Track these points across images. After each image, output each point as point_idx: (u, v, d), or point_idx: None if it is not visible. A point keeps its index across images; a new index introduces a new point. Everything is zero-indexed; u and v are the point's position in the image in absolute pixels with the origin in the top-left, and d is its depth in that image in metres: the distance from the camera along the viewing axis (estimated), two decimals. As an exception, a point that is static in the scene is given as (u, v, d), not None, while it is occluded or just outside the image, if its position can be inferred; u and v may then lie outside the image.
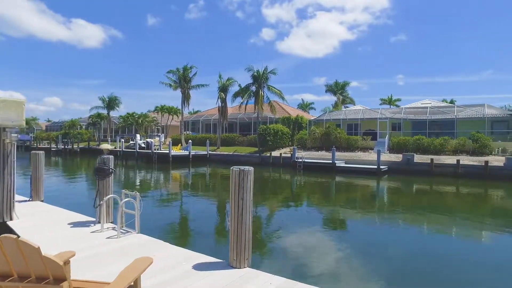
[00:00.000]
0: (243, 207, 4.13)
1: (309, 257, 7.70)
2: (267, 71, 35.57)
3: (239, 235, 4.16)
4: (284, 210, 14.39)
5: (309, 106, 68.76)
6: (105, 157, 6.43)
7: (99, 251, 4.84)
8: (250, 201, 4.20)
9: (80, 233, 5.69)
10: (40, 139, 63.18)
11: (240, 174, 4.12)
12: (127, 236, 5.52)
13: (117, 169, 30.84)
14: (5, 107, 6.03)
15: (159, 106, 51.38)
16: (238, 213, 4.14)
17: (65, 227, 6.02)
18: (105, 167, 6.27)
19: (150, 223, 10.02)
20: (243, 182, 4.10)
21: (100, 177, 6.27)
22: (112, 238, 5.41)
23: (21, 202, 8.31)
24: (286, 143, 35.51)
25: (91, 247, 5.00)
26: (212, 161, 35.65)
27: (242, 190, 4.10)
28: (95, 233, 5.65)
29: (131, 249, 4.96)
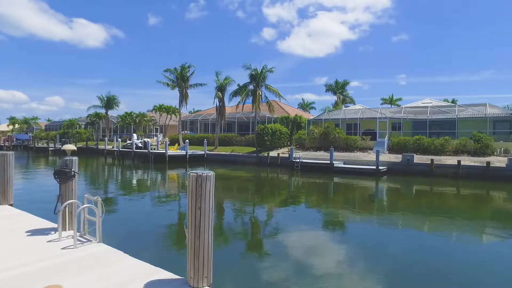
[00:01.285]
0: (200, 218, 3.59)
1: (303, 265, 7.36)
2: (265, 69, 35.03)
3: (196, 250, 3.62)
4: (279, 212, 13.95)
5: (309, 106, 68.19)
6: (68, 159, 5.92)
7: (47, 265, 4.34)
8: (210, 211, 3.66)
9: (35, 242, 5.18)
10: (39, 139, 62.90)
11: (198, 180, 3.58)
12: (85, 246, 5.02)
13: (114, 169, 30.53)
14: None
15: (157, 106, 50.90)
16: (196, 225, 3.60)
17: (21, 235, 5.52)
18: (66, 170, 5.76)
19: (122, 229, 9.64)
20: (200, 189, 3.56)
21: (61, 180, 5.76)
22: (67, 249, 4.91)
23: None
24: (284, 143, 34.99)
25: (41, 259, 4.50)
26: (210, 161, 35.22)
27: (200, 199, 3.56)
28: (51, 243, 5.14)
29: (85, 261, 4.46)
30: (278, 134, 34.20)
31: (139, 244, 8.16)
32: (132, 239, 8.61)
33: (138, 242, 8.47)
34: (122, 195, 17.24)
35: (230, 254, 8.09)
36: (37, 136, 65.49)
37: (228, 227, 10.95)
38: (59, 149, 51.83)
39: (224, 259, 7.28)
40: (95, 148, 48.23)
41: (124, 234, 9.10)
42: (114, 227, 9.50)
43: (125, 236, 8.90)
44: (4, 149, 63.38)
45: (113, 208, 13.46)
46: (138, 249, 7.06)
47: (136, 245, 7.97)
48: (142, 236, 9.23)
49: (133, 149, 37.81)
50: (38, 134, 67.49)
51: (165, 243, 8.94)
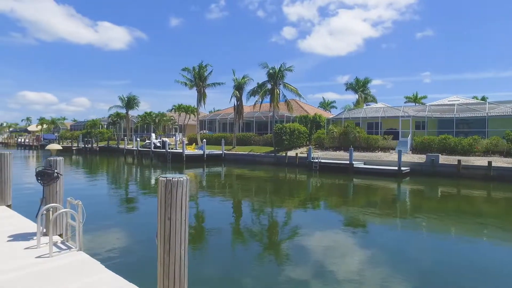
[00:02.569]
0: (170, 230, 3.04)
1: (322, 268, 7.10)
2: (283, 68, 34.25)
3: (166, 267, 3.08)
4: (298, 213, 13.50)
5: (330, 105, 66.76)
6: (52, 159, 5.53)
7: (15, 276, 3.93)
8: (183, 222, 3.10)
9: (12, 249, 4.82)
10: (64, 138, 64.73)
11: (167, 185, 3.03)
12: (63, 255, 4.60)
13: (134, 168, 30.74)
14: None
15: (176, 105, 51.11)
16: (165, 239, 3.06)
17: (1, 240, 5.17)
18: (49, 171, 5.36)
19: (113, 235, 9.14)
20: (170, 197, 3.02)
21: (44, 182, 5.37)
22: (43, 257, 4.50)
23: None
24: (303, 142, 34.13)
25: (10, 269, 4.10)
26: (227, 161, 34.92)
27: (170, 208, 3.01)
28: (28, 250, 4.76)
29: (56, 272, 4.04)
30: (297, 134, 33.39)
31: (126, 254, 7.59)
32: (120, 248, 8.01)
33: (125, 252, 7.88)
34: (125, 195, 17.08)
35: (247, 255, 8.00)
36: (63, 135, 67.43)
37: (245, 228, 10.77)
38: (81, 149, 53.09)
39: (242, 260, 7.42)
40: (116, 147, 48.98)
41: (116, 241, 8.69)
42: (110, 231, 9.18)
43: (117, 243, 8.47)
44: (32, 148, 65.68)
45: (116, 209, 13.21)
46: (122, 260, 6.69)
47: (124, 254, 7.49)
48: (134, 244, 8.62)
49: (151, 148, 38.06)
50: (64, 134, 69.51)
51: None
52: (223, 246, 8.61)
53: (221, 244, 8.79)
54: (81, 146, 53.88)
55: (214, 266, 7.21)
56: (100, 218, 10.53)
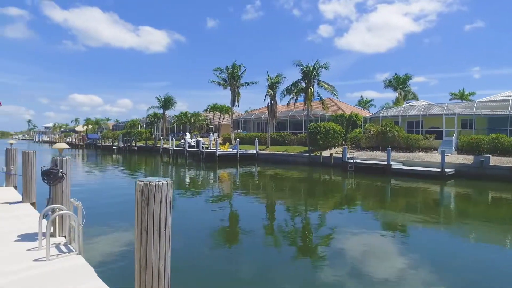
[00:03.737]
0: (147, 242, 2.62)
1: (359, 272, 6.81)
2: (318, 65, 33.23)
3: (143, 284, 2.66)
4: (332, 215, 12.98)
5: (368, 103, 64.23)
6: (58, 159, 5.36)
7: (9, 281, 3.71)
8: (162, 233, 2.67)
9: (15, 251, 4.71)
10: (106, 138, 67.87)
11: (143, 191, 2.61)
12: (60, 259, 4.40)
13: (169, 167, 31.36)
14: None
15: (211, 105, 51.61)
16: (141, 252, 2.65)
17: (9, 240, 5.13)
18: (53, 171, 5.19)
19: (124, 238, 8.65)
20: (147, 203, 2.60)
21: (50, 182, 5.21)
22: (40, 261, 4.31)
23: (10, 204, 7.77)
24: (338, 142, 32.94)
25: (6, 273, 3.90)
26: (261, 161, 34.59)
27: (146, 216, 2.60)
28: (29, 252, 4.61)
29: (44, 279, 3.80)
30: (332, 133, 32.28)
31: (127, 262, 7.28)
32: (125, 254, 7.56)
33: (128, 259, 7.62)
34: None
35: (281, 256, 7.88)
36: (105, 135, 70.72)
37: (279, 229, 10.52)
38: (121, 148, 55.28)
39: (275, 261, 7.32)
40: (153, 147, 50.41)
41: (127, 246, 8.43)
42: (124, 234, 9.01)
43: (127, 248, 8.21)
44: (78, 147, 69.53)
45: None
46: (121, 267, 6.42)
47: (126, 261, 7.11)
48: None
49: (185, 148, 38.64)
50: (106, 133, 72.88)
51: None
52: (256, 247, 8.49)
53: (255, 245, 8.67)
54: (121, 146, 56.14)
55: (249, 267, 7.17)
56: (118, 219, 10.53)
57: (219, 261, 7.45)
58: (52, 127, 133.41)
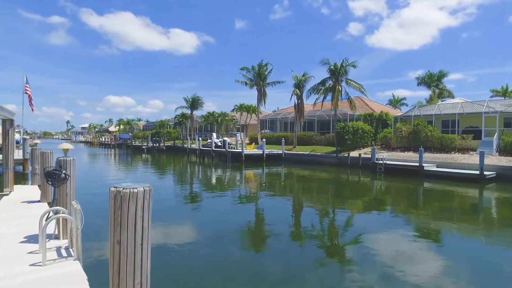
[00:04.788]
0: (120, 258, 2.27)
1: (390, 277, 6.54)
2: (345, 63, 32.17)
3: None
4: (361, 217, 12.48)
5: (400, 102, 61.76)
6: (62, 160, 5.20)
7: (3, 285, 3.55)
8: (138, 247, 2.31)
9: (16, 254, 4.61)
10: (136, 138, 69.75)
11: (116, 198, 2.27)
12: (57, 264, 4.23)
13: (196, 167, 31.61)
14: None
15: (238, 105, 51.60)
16: (114, 268, 2.31)
17: (15, 241, 5.07)
18: (56, 172, 5.03)
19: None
20: (120, 213, 2.25)
21: (53, 183, 5.06)
22: (36, 266, 4.16)
23: (28, 203, 7.85)
24: (367, 142, 31.76)
25: (2, 277, 3.74)
26: (287, 161, 34.09)
27: (120, 228, 2.25)
28: (31, 254, 4.51)
29: (38, 285, 3.56)
30: (361, 133, 31.15)
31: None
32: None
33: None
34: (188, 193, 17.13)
35: (308, 257, 7.70)
36: (136, 135, 72.69)
37: (306, 230, 10.26)
38: (150, 147, 56.52)
39: (302, 263, 7.23)
40: (181, 146, 51.10)
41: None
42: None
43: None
44: (110, 147, 71.92)
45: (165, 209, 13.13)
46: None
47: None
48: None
49: (212, 147, 38.80)
50: (137, 133, 74.89)
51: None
52: (283, 249, 8.34)
53: (281, 247, 8.51)
54: (150, 145, 57.44)
55: (275, 268, 7.05)
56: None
57: (246, 261, 7.39)
58: (88, 127, 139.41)
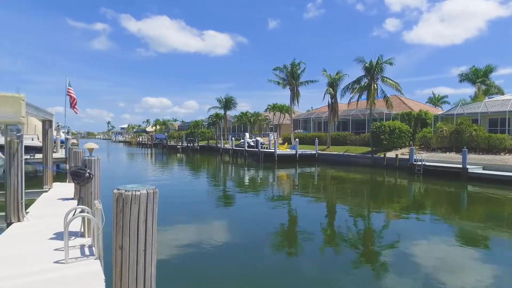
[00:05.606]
0: (122, 264, 2.16)
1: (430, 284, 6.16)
2: (381, 61, 30.96)
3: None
4: (398, 221, 11.85)
5: (441, 100, 58.56)
6: (87, 159, 5.29)
7: (25, 282, 3.67)
8: (141, 255, 2.19)
9: (43, 250, 4.78)
10: (172, 138, 71.73)
11: (119, 201, 2.16)
12: (79, 262, 4.31)
13: (229, 167, 31.89)
14: (2, 103, 5.52)
15: (271, 105, 51.45)
16: (116, 274, 2.21)
17: (42, 239, 5.25)
18: (81, 171, 5.11)
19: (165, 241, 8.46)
20: (122, 217, 2.13)
21: (78, 182, 5.17)
22: (59, 263, 4.27)
23: (63, 200, 8.19)
24: (405, 142, 30.38)
25: (25, 274, 3.95)
26: (321, 161, 33.50)
27: (122, 232, 2.14)
28: (56, 251, 4.65)
29: (59, 284, 3.66)
30: (397, 133, 29.86)
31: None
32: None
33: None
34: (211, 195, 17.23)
35: (342, 260, 7.58)
36: (171, 135, 74.74)
37: (339, 232, 10.06)
38: (185, 147, 57.82)
39: (336, 266, 7.11)
40: (215, 146, 51.79)
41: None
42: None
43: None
44: (147, 146, 74.50)
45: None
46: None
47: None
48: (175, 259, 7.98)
49: (245, 147, 38.94)
50: (172, 133, 76.98)
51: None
52: (315, 251, 8.23)
53: (314, 249, 8.41)
54: (184, 145, 58.82)
55: (308, 270, 6.98)
56: (167, 219, 10.64)
57: (278, 263, 7.31)
58: (127, 128, 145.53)
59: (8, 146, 5.83)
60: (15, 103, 5.57)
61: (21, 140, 5.95)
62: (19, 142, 5.90)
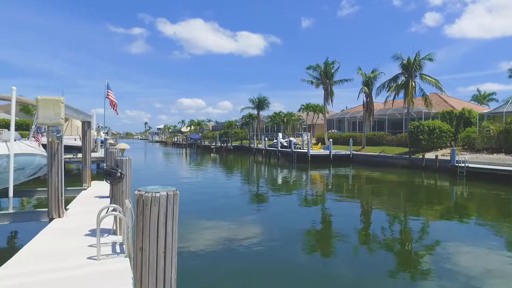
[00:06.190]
0: (142, 267, 2.14)
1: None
2: (418, 57, 29.58)
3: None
4: (438, 226, 11.30)
5: (487, 98, 55.10)
6: (119, 159, 5.44)
7: (59, 277, 3.90)
8: (161, 257, 2.16)
9: (78, 246, 5.01)
10: (205, 138, 73.07)
11: (139, 202, 2.14)
12: (110, 259, 4.46)
13: (262, 167, 31.97)
14: (45, 106, 5.84)
15: (304, 105, 50.92)
16: (137, 276, 2.19)
17: (78, 234, 5.49)
18: (112, 171, 5.27)
19: (196, 240, 8.56)
20: (142, 219, 2.12)
21: (110, 182, 5.33)
22: (92, 259, 4.45)
23: (100, 198, 8.52)
24: (446, 142, 28.83)
25: (59, 269, 4.15)
26: (355, 162, 32.72)
27: (142, 234, 2.12)
28: (90, 248, 4.86)
29: (81, 281, 3.85)
30: (437, 132, 28.37)
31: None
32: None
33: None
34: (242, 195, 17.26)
35: (376, 265, 7.29)
36: (205, 135, 76.14)
37: (374, 236, 9.75)
38: (218, 147, 58.64)
39: (369, 270, 6.91)
40: (248, 146, 52.09)
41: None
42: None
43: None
44: (182, 146, 76.38)
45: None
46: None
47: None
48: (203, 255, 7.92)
49: (278, 148, 38.81)
50: (206, 134, 78.38)
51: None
52: (350, 254, 8.06)
53: (348, 252, 8.22)
54: (218, 145, 59.68)
55: (342, 273, 6.88)
56: (198, 218, 10.80)
57: (312, 265, 7.27)
58: (163, 128, 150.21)
59: (50, 146, 6.16)
60: (56, 106, 5.87)
61: (61, 140, 6.27)
62: (59, 142, 6.22)
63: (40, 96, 5.90)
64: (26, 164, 8.86)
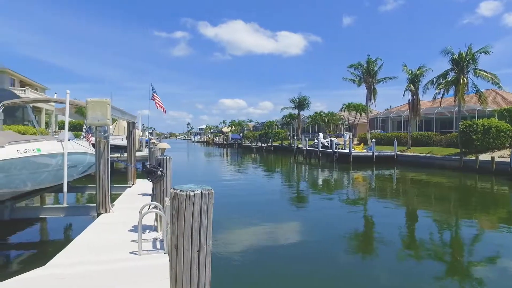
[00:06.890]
0: (177, 265, 2.13)
1: None
2: (471, 51, 27.59)
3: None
4: (495, 233, 10.39)
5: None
6: (160, 158, 5.61)
7: (103, 269, 4.15)
8: (195, 256, 2.14)
9: (121, 241, 5.25)
10: (246, 138, 73.82)
11: (174, 201, 2.14)
12: (150, 255, 4.63)
13: (302, 167, 31.73)
14: (93, 108, 6.18)
15: (345, 104, 49.67)
16: (172, 273, 2.19)
17: (122, 229, 5.77)
18: (154, 170, 5.43)
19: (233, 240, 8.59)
20: (177, 217, 2.11)
21: (152, 180, 5.51)
22: (134, 254, 4.65)
23: (143, 195, 8.89)
24: (504, 143, 26.65)
25: (103, 261, 4.40)
26: (400, 163, 31.27)
27: (177, 233, 2.12)
28: (131, 243, 5.08)
29: (128, 274, 4.05)
30: (494, 132, 26.28)
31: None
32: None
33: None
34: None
35: (423, 271, 6.97)
36: (246, 136, 76.92)
37: (421, 241, 9.31)
38: (259, 147, 58.98)
39: (415, 278, 6.64)
40: (288, 146, 51.84)
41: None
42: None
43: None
44: (223, 146, 77.78)
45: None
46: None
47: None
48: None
49: (318, 148, 38.23)
50: (247, 134, 79.17)
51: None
52: (394, 259, 7.78)
53: (392, 257, 7.95)
54: (258, 145, 60.04)
55: (385, 279, 6.66)
56: (236, 217, 10.87)
57: (352, 267, 7.19)
58: (205, 128, 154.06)
59: (97, 145, 6.53)
60: (103, 107, 6.20)
61: (108, 140, 6.61)
62: (106, 142, 6.56)
63: (89, 98, 6.26)
64: (78, 162, 9.45)
